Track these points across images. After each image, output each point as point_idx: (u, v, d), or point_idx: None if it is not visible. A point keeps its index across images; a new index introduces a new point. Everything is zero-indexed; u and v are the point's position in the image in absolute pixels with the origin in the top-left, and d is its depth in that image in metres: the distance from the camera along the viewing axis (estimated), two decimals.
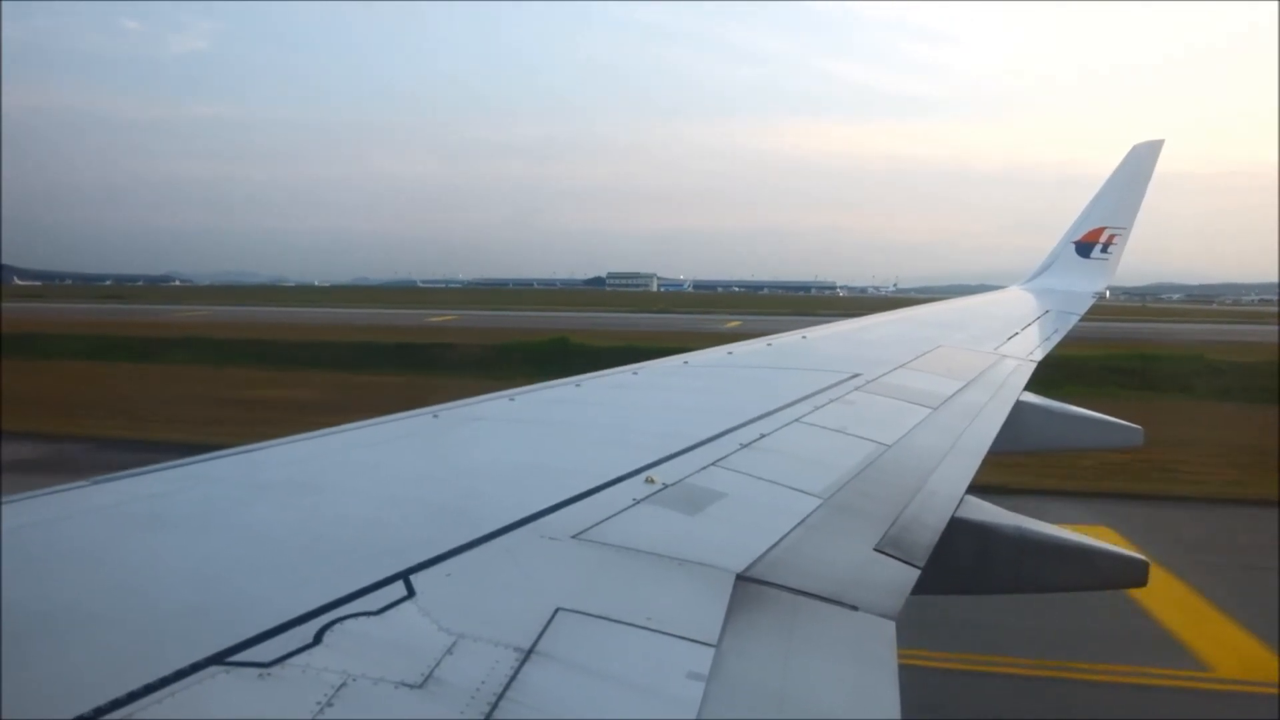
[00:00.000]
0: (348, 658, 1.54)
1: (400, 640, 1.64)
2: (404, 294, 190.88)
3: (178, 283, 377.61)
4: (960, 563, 3.33)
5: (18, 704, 1.32)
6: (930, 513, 3.04)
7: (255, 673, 1.46)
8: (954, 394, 5.28)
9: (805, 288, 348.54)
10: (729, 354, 6.33)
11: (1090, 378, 30.88)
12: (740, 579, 2.17)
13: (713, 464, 3.13)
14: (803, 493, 2.97)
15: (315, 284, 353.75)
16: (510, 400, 4.18)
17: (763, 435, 3.62)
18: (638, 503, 2.62)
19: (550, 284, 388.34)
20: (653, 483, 2.81)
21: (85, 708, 1.31)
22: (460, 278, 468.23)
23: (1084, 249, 13.28)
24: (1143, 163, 13.10)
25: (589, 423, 3.96)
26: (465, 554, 2.08)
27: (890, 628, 2.08)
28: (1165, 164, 13.10)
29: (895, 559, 2.56)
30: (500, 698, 1.51)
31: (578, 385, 4.66)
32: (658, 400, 4.65)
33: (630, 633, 1.83)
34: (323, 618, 1.66)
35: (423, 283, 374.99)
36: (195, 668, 1.44)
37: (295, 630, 1.61)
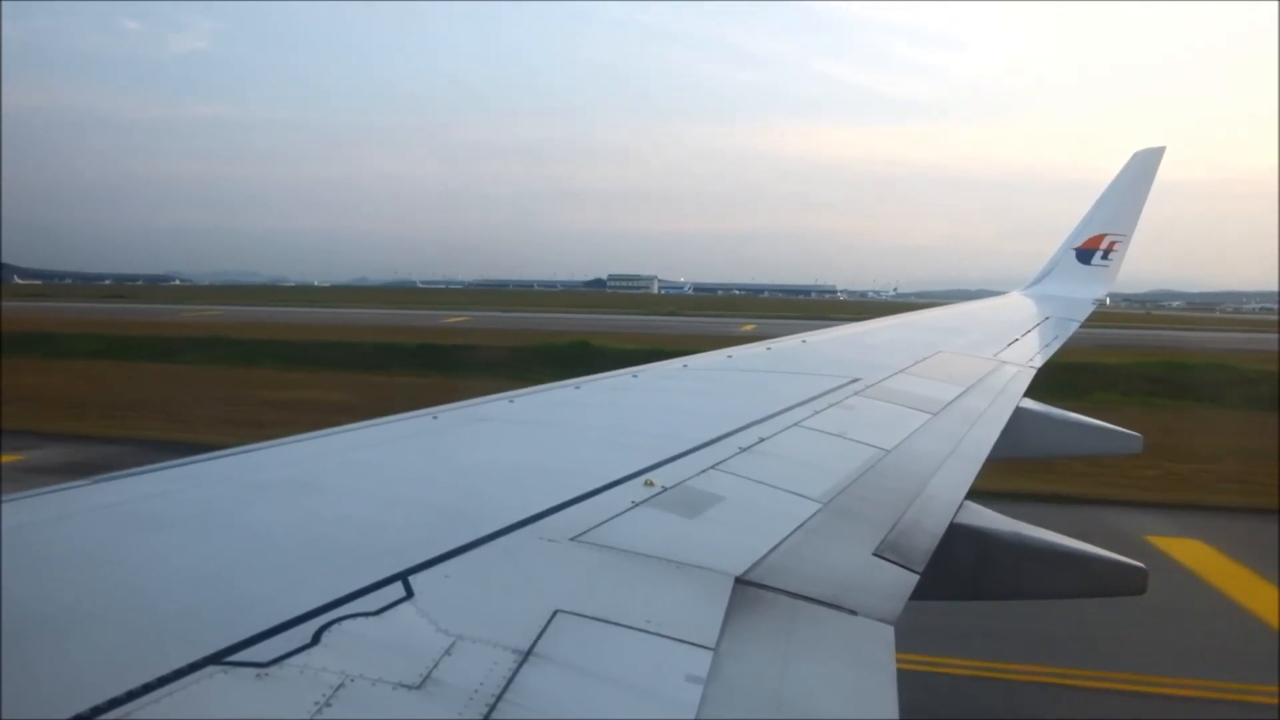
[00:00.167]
0: (346, 658, 1.54)
1: (398, 641, 1.64)
2: (406, 294, 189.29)
3: (178, 282, 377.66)
4: (959, 568, 3.33)
5: (17, 703, 1.32)
6: (929, 518, 3.04)
7: (253, 673, 1.46)
8: (953, 399, 5.28)
9: (805, 291, 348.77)
10: (728, 357, 6.34)
11: (1122, 385, 30.53)
12: (739, 582, 2.17)
13: (712, 467, 3.13)
14: (802, 497, 2.97)
15: (315, 284, 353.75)
16: (510, 402, 4.18)
17: (762, 439, 3.62)
18: (637, 505, 2.61)
19: (550, 285, 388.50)
20: (652, 485, 2.81)
21: (83, 707, 1.31)
22: (460, 278, 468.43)
23: (1084, 255, 13.27)
24: (1144, 169, 13.10)
25: (588, 425, 3.96)
26: (464, 555, 2.08)
27: (889, 632, 2.08)
28: (1164, 170, 13.09)
29: (894, 564, 2.56)
30: (498, 699, 1.51)
31: (577, 387, 4.66)
32: (657, 403, 4.65)
33: (629, 635, 1.83)
34: (321, 618, 1.66)
35: (423, 283, 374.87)
36: (193, 667, 1.44)
37: (293, 630, 1.60)
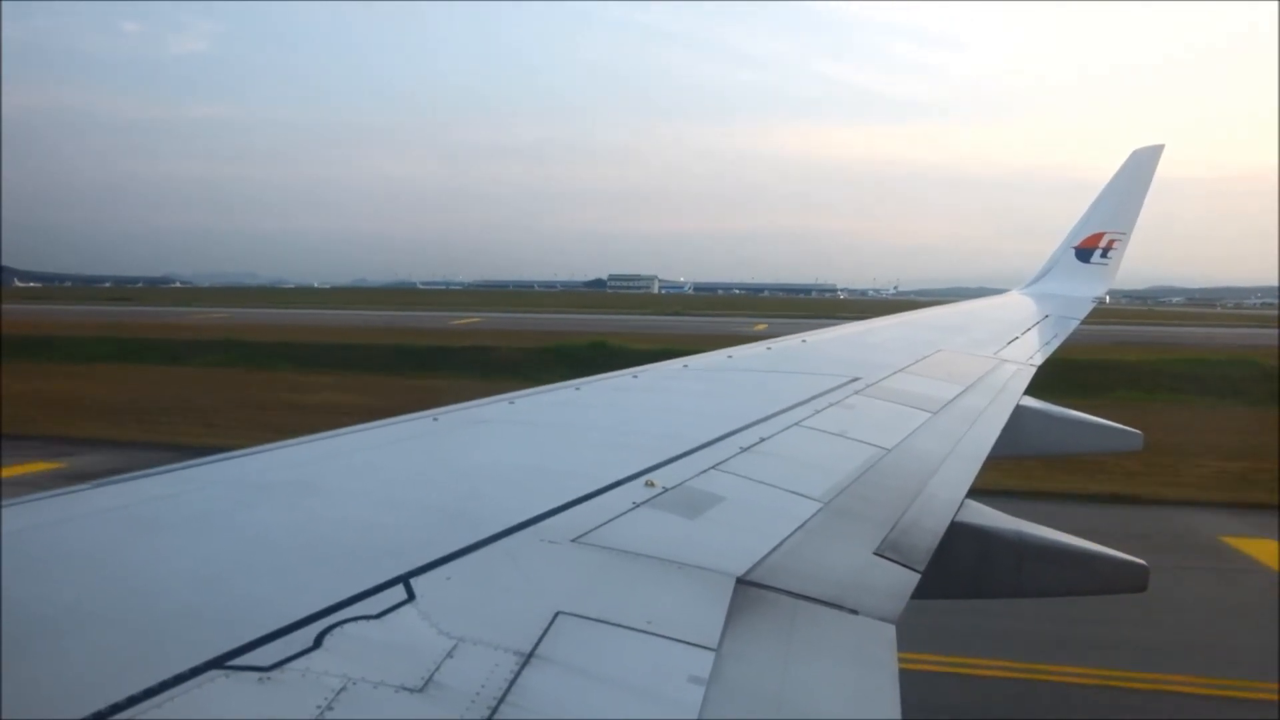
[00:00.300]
0: (348, 661, 1.54)
1: (400, 644, 1.64)
2: (407, 296, 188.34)
3: (178, 284, 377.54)
4: (960, 567, 3.33)
5: (18, 707, 1.32)
6: (930, 517, 3.04)
7: (255, 676, 1.46)
8: (954, 398, 5.28)
9: (806, 290, 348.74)
10: (728, 357, 6.34)
11: (1145, 382, 30.07)
12: (740, 582, 2.17)
13: (713, 467, 3.13)
14: (803, 496, 2.97)
15: (315, 285, 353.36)
16: (510, 403, 4.18)
17: (762, 439, 3.62)
18: (638, 506, 2.61)
19: (550, 286, 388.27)
20: (653, 486, 2.81)
21: (85, 712, 1.31)
22: (460, 279, 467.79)
23: (1084, 254, 13.26)
24: (1143, 167, 13.10)
25: (589, 425, 3.96)
26: (465, 557, 2.08)
27: (890, 631, 2.08)
28: (1165, 168, 13.09)
29: (895, 563, 2.56)
30: (500, 701, 1.51)
31: (577, 388, 4.66)
32: (658, 403, 4.65)
33: (630, 636, 1.83)
34: (323, 621, 1.66)
35: (422, 284, 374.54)
36: (195, 671, 1.44)
37: (295, 634, 1.60)
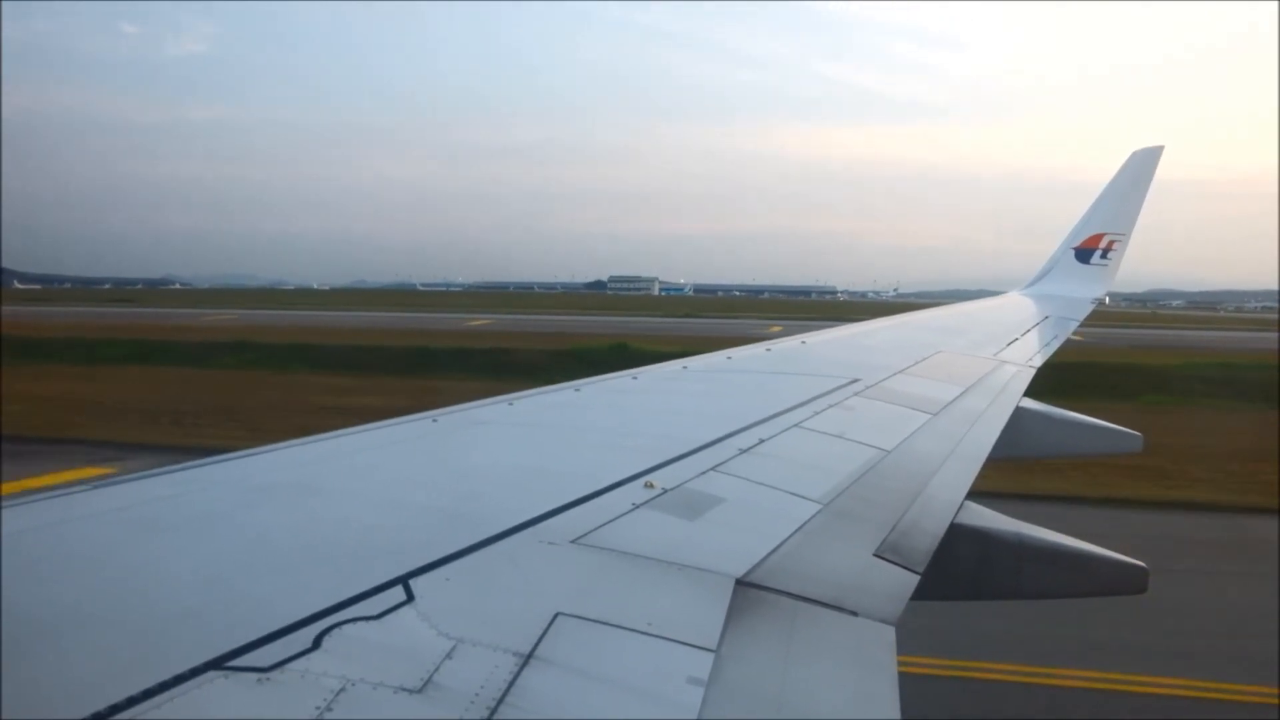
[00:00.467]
0: (347, 662, 1.54)
1: (399, 645, 1.64)
2: (410, 297, 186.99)
3: (177, 285, 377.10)
4: (960, 568, 3.33)
5: (17, 708, 1.31)
6: (930, 518, 3.04)
7: (254, 677, 1.46)
8: (953, 400, 5.28)
9: (806, 292, 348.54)
10: (728, 359, 6.34)
11: (1173, 387, 29.84)
12: (740, 584, 2.17)
13: (712, 469, 3.13)
14: (802, 498, 2.97)
15: (314, 287, 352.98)
16: (510, 404, 4.18)
17: (762, 440, 3.62)
18: (637, 507, 2.61)
19: (551, 287, 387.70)
20: (652, 487, 2.81)
21: (84, 712, 1.31)
22: (460, 281, 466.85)
23: (1083, 255, 13.27)
24: (1142, 168, 13.11)
25: (588, 427, 3.95)
26: (465, 558, 2.07)
27: (890, 633, 2.09)
28: (1164, 170, 13.09)
29: (895, 564, 2.56)
30: (499, 702, 1.50)
31: (577, 390, 4.66)
32: (657, 404, 4.65)
33: (630, 637, 1.83)
34: (322, 622, 1.66)
35: (422, 286, 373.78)
36: (194, 672, 1.44)
37: (294, 635, 1.60)
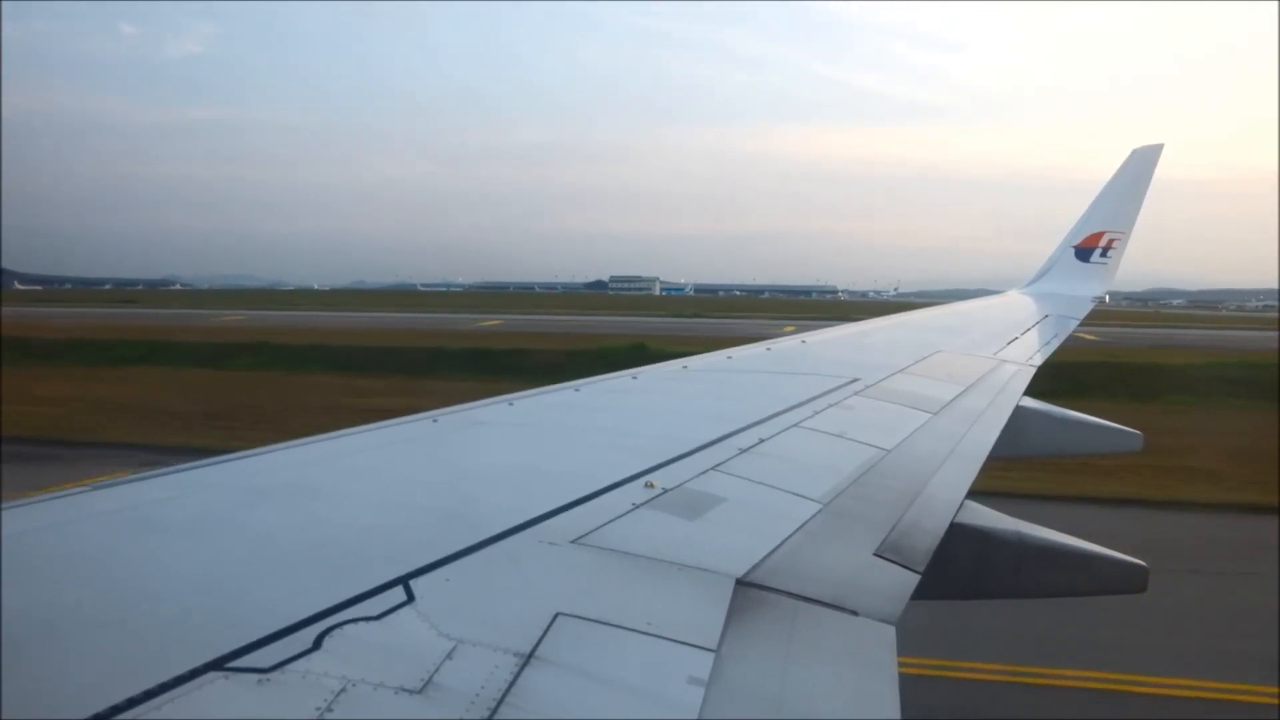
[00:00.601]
0: (347, 663, 1.54)
1: (400, 645, 1.64)
2: (410, 297, 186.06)
3: (178, 286, 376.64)
4: (960, 568, 3.33)
5: (17, 709, 1.32)
6: (930, 518, 3.04)
7: (254, 678, 1.46)
8: (953, 399, 5.28)
9: (806, 292, 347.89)
10: (728, 358, 6.34)
11: (1199, 388, 29.64)
12: (740, 584, 2.17)
13: (712, 469, 3.13)
14: (802, 498, 2.97)
15: (314, 287, 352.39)
16: (510, 405, 4.18)
17: (762, 440, 3.62)
18: (637, 507, 2.61)
19: (551, 287, 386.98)
20: (652, 487, 2.81)
21: (85, 713, 1.31)
22: (460, 281, 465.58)
23: (1083, 253, 13.27)
24: (1142, 167, 13.11)
25: (588, 427, 3.96)
26: (465, 559, 2.08)
27: (890, 633, 2.09)
28: (1164, 169, 13.10)
29: (895, 564, 2.56)
30: (500, 703, 1.51)
31: (577, 390, 4.66)
32: (657, 404, 4.65)
33: (630, 637, 1.83)
34: (322, 623, 1.66)
35: (423, 286, 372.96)
36: (194, 673, 1.44)
37: (295, 635, 1.61)
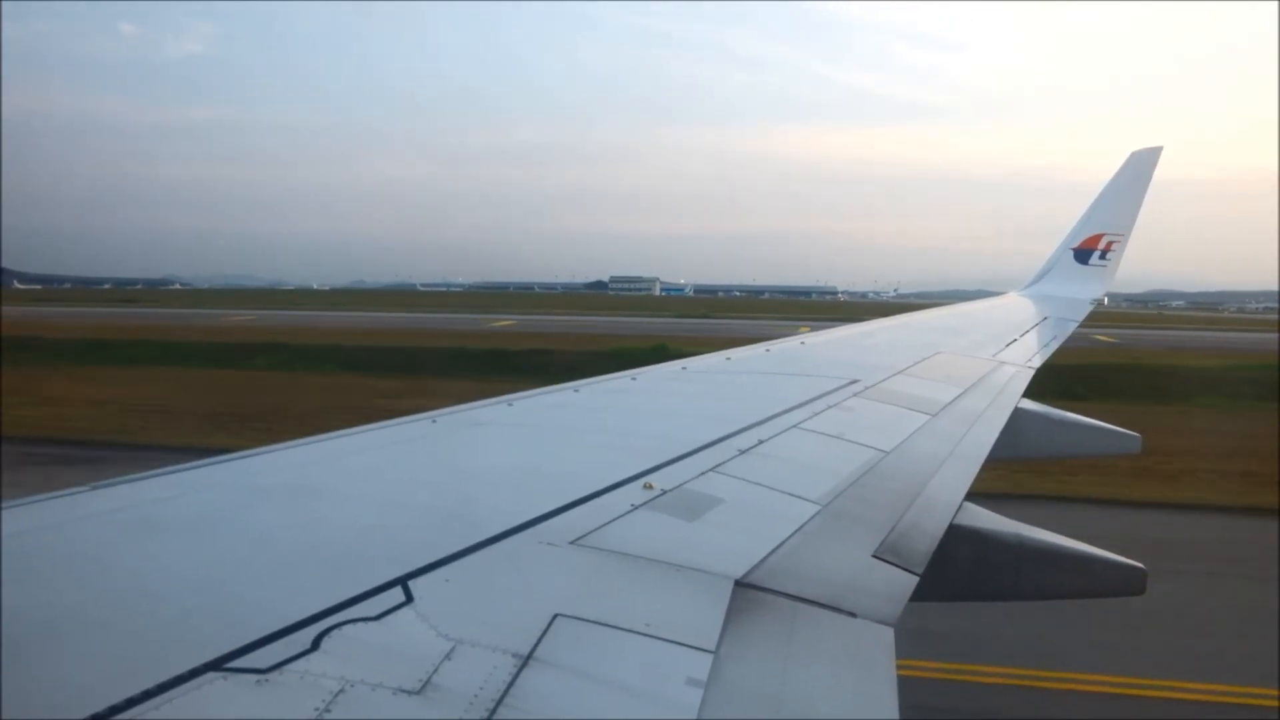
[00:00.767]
0: (346, 664, 1.55)
1: (398, 646, 1.64)
2: (411, 297, 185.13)
3: (177, 285, 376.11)
4: (959, 569, 3.33)
5: (16, 709, 1.32)
6: (929, 519, 3.04)
7: (253, 679, 1.46)
8: (952, 400, 5.28)
9: (806, 292, 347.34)
10: (727, 359, 6.34)
11: (1226, 388, 29.71)
12: (739, 585, 2.17)
13: (711, 469, 3.13)
14: (801, 499, 2.97)
15: (314, 287, 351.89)
16: (509, 405, 4.18)
17: (761, 441, 3.62)
18: (636, 508, 2.62)
19: (551, 288, 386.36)
20: (651, 488, 2.81)
21: (84, 713, 1.31)
22: (460, 281, 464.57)
23: (1082, 255, 13.27)
24: (1141, 169, 13.12)
25: (587, 428, 3.96)
26: (464, 559, 2.08)
27: (889, 634, 2.09)
28: (1163, 170, 13.12)
29: (894, 565, 2.56)
30: (498, 703, 1.51)
31: (576, 390, 4.66)
32: (656, 405, 4.66)
33: (629, 638, 1.83)
34: (321, 623, 1.66)
35: (422, 286, 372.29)
36: (193, 673, 1.44)
37: (293, 636, 1.61)
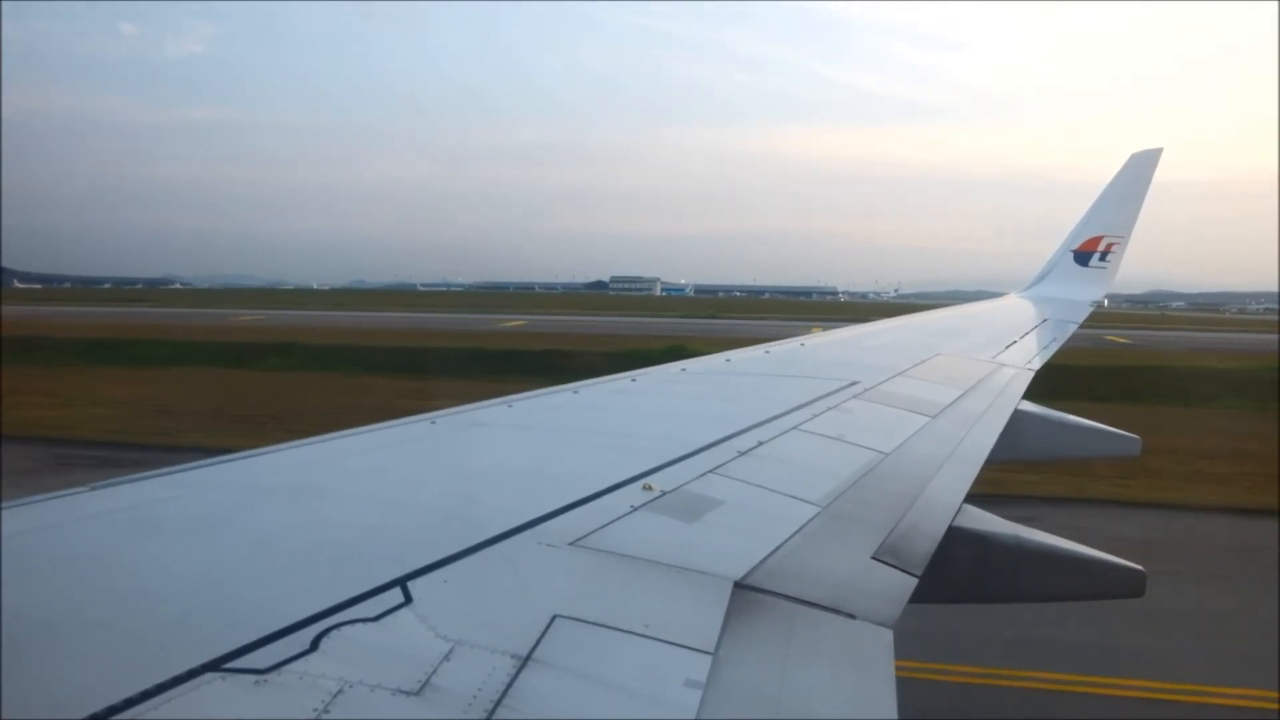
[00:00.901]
0: (344, 664, 1.55)
1: (397, 647, 1.64)
2: (411, 297, 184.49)
3: (177, 285, 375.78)
4: (958, 571, 3.33)
5: (15, 709, 1.32)
6: (928, 521, 3.04)
7: (251, 679, 1.46)
8: (952, 402, 5.29)
9: (807, 292, 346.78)
10: (727, 361, 6.35)
11: (1254, 391, 29.97)
12: (738, 586, 2.17)
13: (711, 471, 3.13)
14: (801, 500, 2.97)
15: (314, 287, 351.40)
16: (509, 406, 4.19)
17: (761, 443, 3.62)
18: (636, 509, 2.62)
19: (551, 288, 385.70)
20: (651, 490, 2.81)
21: (83, 713, 1.31)
22: (460, 281, 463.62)
23: (1082, 257, 13.28)
24: (1141, 171, 13.13)
25: (587, 429, 3.96)
26: (463, 560, 2.08)
27: (888, 636, 2.09)
28: (1163, 171, 13.11)
29: (893, 567, 2.56)
30: (497, 705, 1.51)
31: (575, 392, 4.66)
32: (656, 407, 4.66)
33: (628, 640, 1.83)
34: (320, 624, 1.67)
35: (422, 286, 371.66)
36: (192, 674, 1.44)
37: (292, 636, 1.61)
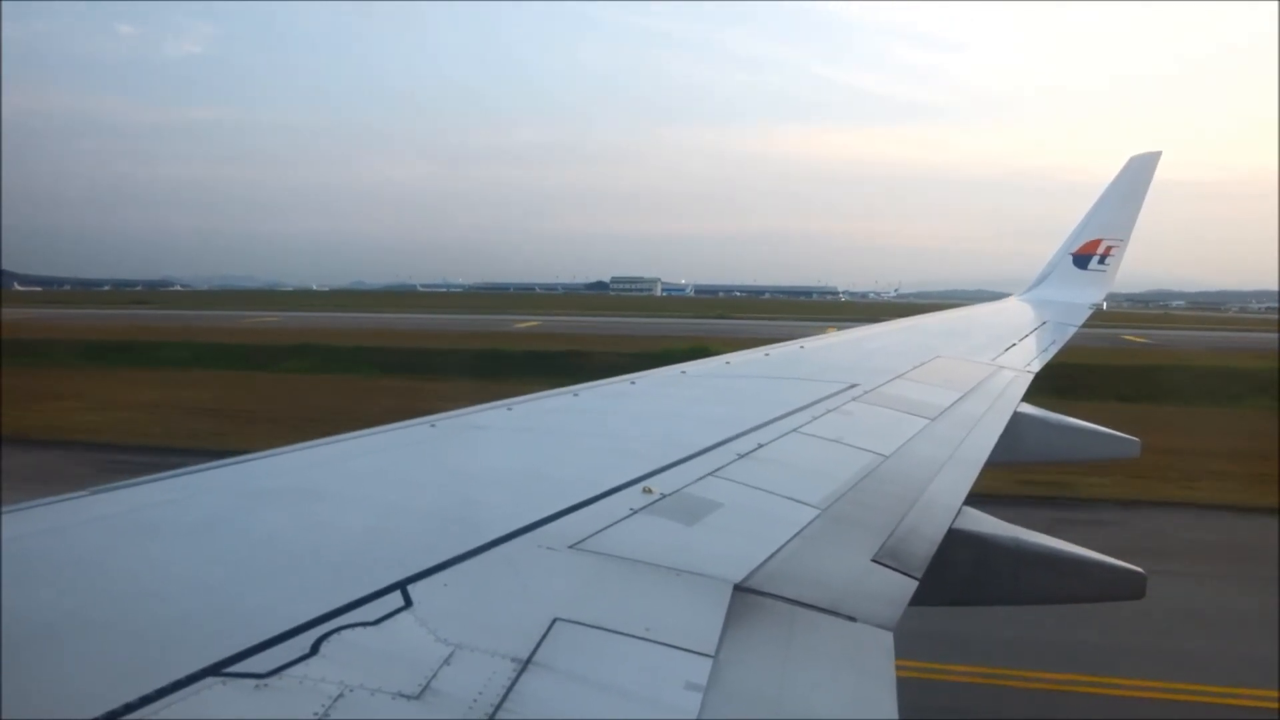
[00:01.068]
0: (345, 668, 1.55)
1: (397, 651, 1.65)
2: (412, 298, 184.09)
3: (177, 287, 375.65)
4: (958, 574, 3.33)
5: (16, 712, 1.32)
6: (928, 524, 3.04)
7: (252, 683, 1.47)
8: (952, 405, 5.29)
9: (807, 292, 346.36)
10: (726, 364, 6.35)
11: (1275, 389, 30.17)
12: (738, 589, 2.17)
13: (710, 474, 3.14)
14: (800, 503, 2.97)
15: (314, 288, 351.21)
16: (508, 409, 4.19)
17: (760, 445, 3.63)
18: (635, 512, 2.62)
19: (552, 288, 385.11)
20: (650, 492, 2.81)
21: (84, 717, 1.32)
22: (460, 281, 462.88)
23: (1081, 260, 13.28)
24: (1140, 174, 13.13)
25: (586, 432, 3.96)
26: (463, 564, 2.08)
27: (888, 638, 2.09)
28: (1163, 170, 13.11)
29: (893, 570, 2.57)
30: (498, 708, 1.51)
31: (575, 395, 4.66)
32: (655, 410, 4.66)
33: (628, 643, 1.83)
34: (320, 628, 1.67)
35: (422, 286, 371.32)
36: (192, 678, 1.45)
37: (292, 641, 1.61)
